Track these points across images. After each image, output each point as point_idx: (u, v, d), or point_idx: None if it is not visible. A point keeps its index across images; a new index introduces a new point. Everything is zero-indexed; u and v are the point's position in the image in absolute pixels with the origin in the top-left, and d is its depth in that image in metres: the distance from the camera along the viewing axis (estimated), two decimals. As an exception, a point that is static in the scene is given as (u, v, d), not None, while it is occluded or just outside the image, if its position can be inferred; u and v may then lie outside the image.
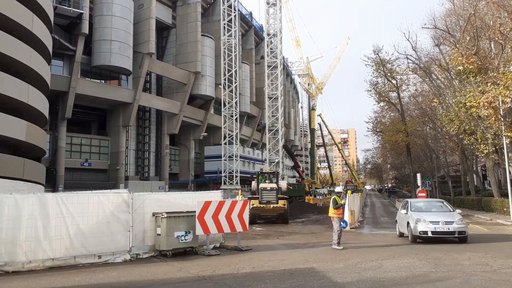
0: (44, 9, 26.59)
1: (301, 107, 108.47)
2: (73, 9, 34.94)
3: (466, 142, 28.42)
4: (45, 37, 26.88)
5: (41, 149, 27.29)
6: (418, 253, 11.16)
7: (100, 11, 38.80)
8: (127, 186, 37.71)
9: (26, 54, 24.32)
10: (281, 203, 23.30)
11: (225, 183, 44.85)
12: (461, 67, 25.91)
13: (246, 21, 61.25)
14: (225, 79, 45.80)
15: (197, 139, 52.61)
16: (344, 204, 14.51)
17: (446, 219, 13.38)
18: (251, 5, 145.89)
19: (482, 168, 50.58)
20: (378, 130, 48.23)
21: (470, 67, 24.84)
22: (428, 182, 46.00)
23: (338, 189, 13.74)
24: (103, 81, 41.85)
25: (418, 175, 30.53)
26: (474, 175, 45.18)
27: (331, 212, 12.76)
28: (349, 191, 21.83)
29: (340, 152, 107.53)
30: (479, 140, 25.48)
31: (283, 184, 27.66)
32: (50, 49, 28.59)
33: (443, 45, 32.44)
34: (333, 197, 12.85)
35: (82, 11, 35.35)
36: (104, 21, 38.61)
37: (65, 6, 34.94)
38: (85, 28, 35.82)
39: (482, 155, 28.44)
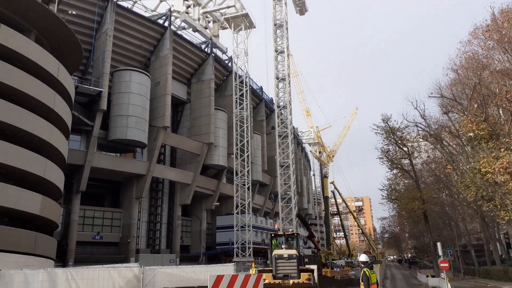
0: (66, 88, 28.23)
1: (313, 175, 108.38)
2: (94, 88, 36.89)
3: (485, 208, 27.61)
4: (65, 114, 28.19)
5: (54, 222, 27.30)
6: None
7: (118, 88, 40.89)
8: (138, 259, 36.88)
9: (46, 130, 25.38)
10: (304, 277, 17.09)
11: (237, 255, 43.49)
12: (472, 134, 26.03)
13: (257, 95, 63.66)
14: (237, 149, 46.54)
15: (209, 209, 52.15)
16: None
17: None
18: (261, 80, 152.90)
19: (505, 235, 48.50)
20: (393, 197, 47.33)
21: (481, 133, 24.97)
22: (450, 252, 44.00)
23: (363, 257, 10.94)
24: (118, 154, 42.82)
25: (439, 244, 29.28)
26: (498, 244, 43.18)
27: None
28: (378, 265, 18.47)
29: (355, 221, 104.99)
30: (499, 206, 24.74)
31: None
32: (69, 125, 29.81)
33: (451, 113, 32.87)
34: (363, 271, 10.31)
35: (102, 89, 37.27)
36: (122, 97, 40.50)
37: (86, 85, 36.98)
38: (104, 105, 37.51)
39: (503, 222, 27.46)
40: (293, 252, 18.14)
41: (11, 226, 23.19)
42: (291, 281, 16.87)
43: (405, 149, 40.68)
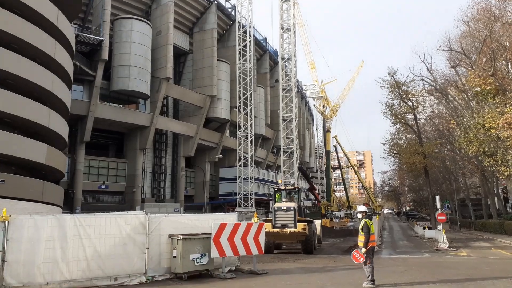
0: (67, 37, 27.62)
1: (316, 129, 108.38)
2: (94, 37, 36.12)
3: (486, 164, 27.85)
4: (67, 63, 27.81)
5: (60, 171, 27.81)
6: (440, 278, 10.84)
7: (119, 38, 40.03)
8: (143, 208, 37.90)
9: (48, 80, 25.16)
10: (300, 227, 18.50)
11: (240, 206, 44.66)
12: (478, 89, 25.69)
13: (261, 46, 62.24)
14: (240, 102, 46.30)
15: (213, 161, 52.85)
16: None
17: None
18: (265, 31, 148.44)
19: (504, 190, 49.28)
20: (394, 152, 47.64)
21: (487, 88, 24.62)
22: (448, 205, 44.95)
23: (362, 208, 10.45)
24: (121, 105, 42.75)
25: (437, 198, 29.85)
26: (496, 198, 43.98)
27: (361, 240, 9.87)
28: (377, 216, 19.62)
29: (356, 174, 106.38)
30: (500, 162, 24.95)
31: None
32: (71, 74, 29.51)
33: (459, 67, 32.28)
34: (363, 221, 9.80)
35: (103, 38, 36.51)
36: (123, 47, 39.76)
37: (87, 33, 36.17)
38: (105, 55, 36.91)
39: (503, 177, 27.80)
40: (291, 205, 19.39)
41: (19, 175, 23.69)
42: (288, 230, 18.49)
43: (410, 103, 40.36)
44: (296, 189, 22.15)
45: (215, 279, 11.12)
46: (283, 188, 22.39)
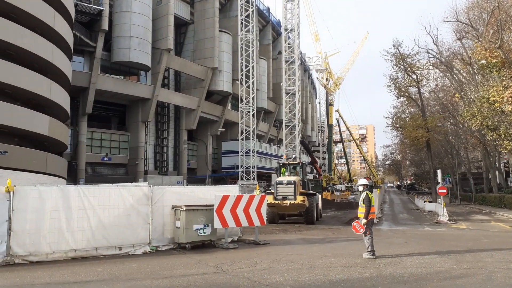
0: (66, 6, 27.10)
1: (319, 103, 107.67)
2: (94, 6, 35.46)
3: (489, 138, 27.81)
4: (67, 34, 27.40)
5: (63, 143, 27.91)
6: (439, 250, 11.00)
7: (119, 7, 39.26)
8: (146, 180, 38.23)
9: (49, 50, 24.86)
10: (299, 199, 19.43)
11: (242, 179, 45.01)
12: (484, 61, 25.31)
13: (263, 16, 61.04)
14: (242, 75, 45.81)
15: (215, 135, 52.88)
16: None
17: None
18: (268, 0, 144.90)
19: (505, 165, 49.39)
20: (397, 125, 47.49)
21: (493, 61, 24.25)
22: (449, 179, 45.15)
23: (363, 181, 10.37)
24: (122, 77, 42.41)
25: (439, 171, 29.91)
26: (497, 172, 44.13)
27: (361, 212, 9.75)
28: (378, 190, 20.31)
29: (358, 148, 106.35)
30: (503, 136, 24.88)
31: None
32: (71, 45, 29.13)
33: (465, 39, 31.67)
34: (365, 193, 9.72)
35: (102, 8, 35.84)
36: (123, 17, 39.06)
37: (86, 3, 35.48)
38: (105, 25, 36.31)
39: (506, 151, 27.79)
40: (292, 178, 20.48)
41: (22, 146, 23.79)
42: (288, 202, 19.65)
43: (414, 76, 39.91)
44: (300, 164, 23.65)
45: (218, 249, 11.31)
46: (287, 163, 24.00)
